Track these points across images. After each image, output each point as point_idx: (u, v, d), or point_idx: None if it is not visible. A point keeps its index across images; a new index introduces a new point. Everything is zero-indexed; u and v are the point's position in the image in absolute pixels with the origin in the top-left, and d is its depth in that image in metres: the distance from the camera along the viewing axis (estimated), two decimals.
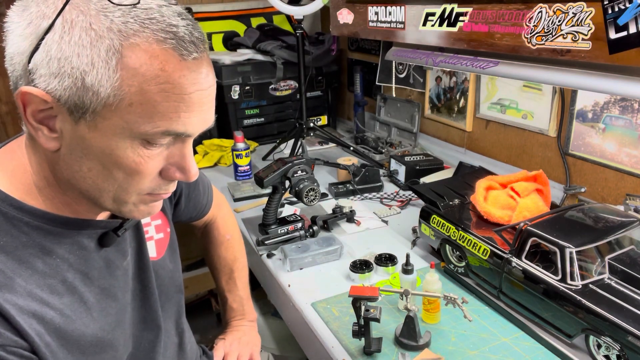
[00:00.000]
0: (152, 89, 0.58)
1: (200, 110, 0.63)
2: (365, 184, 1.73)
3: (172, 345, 0.96)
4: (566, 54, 0.90)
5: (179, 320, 0.99)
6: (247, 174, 1.90)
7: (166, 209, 0.96)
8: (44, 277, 0.66)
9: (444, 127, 2.01)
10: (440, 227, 1.21)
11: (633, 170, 1.32)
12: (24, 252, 0.64)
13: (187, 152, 0.66)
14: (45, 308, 0.65)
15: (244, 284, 1.22)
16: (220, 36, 2.56)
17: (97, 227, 0.73)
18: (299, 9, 1.88)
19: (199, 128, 0.64)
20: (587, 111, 1.41)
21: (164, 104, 0.59)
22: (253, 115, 2.33)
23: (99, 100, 0.57)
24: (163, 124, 0.60)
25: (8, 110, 2.55)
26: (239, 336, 1.16)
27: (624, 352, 0.83)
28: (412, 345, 0.98)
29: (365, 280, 1.21)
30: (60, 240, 0.68)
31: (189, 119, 0.61)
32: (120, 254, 0.79)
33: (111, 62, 0.56)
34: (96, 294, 0.73)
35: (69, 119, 0.59)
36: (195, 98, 0.61)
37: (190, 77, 0.60)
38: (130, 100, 0.58)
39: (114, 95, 0.57)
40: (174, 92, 0.59)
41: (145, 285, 0.85)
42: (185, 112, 0.60)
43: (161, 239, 0.93)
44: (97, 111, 0.58)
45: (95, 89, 0.57)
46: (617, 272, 0.95)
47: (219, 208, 1.22)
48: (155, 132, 0.60)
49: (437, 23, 1.15)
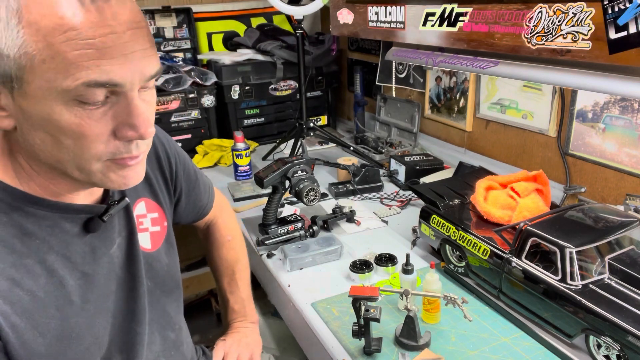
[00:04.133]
0: (57, 39, 0.56)
1: (124, 57, 0.59)
2: (365, 184, 1.73)
3: (166, 341, 0.94)
4: (566, 54, 0.90)
5: (177, 317, 0.98)
6: (247, 174, 1.90)
7: (164, 203, 0.95)
8: (20, 257, 0.65)
9: (444, 127, 2.01)
10: (440, 227, 1.21)
11: (633, 170, 1.32)
12: (3, 231, 0.64)
13: (134, 107, 0.62)
14: (15, 288, 0.64)
15: (245, 285, 1.21)
16: (220, 36, 2.56)
17: (82, 211, 0.73)
18: (299, 9, 1.88)
19: (130, 76, 0.61)
20: (587, 111, 1.41)
21: (73, 53, 0.56)
22: (253, 115, 2.33)
23: (13, 64, 0.57)
24: (81, 74, 0.57)
25: None
26: (240, 337, 1.15)
27: (624, 352, 0.83)
28: (412, 345, 0.98)
29: (365, 280, 1.21)
30: (40, 222, 0.68)
31: (110, 66, 0.58)
32: (107, 241, 0.78)
33: (12, 22, 0.55)
34: (77, 278, 0.72)
35: (7, 93, 0.60)
36: (110, 42, 0.58)
37: (95, 19, 0.57)
38: (42, 57, 0.56)
39: (24, 55, 0.56)
40: (80, 38, 0.56)
41: (133, 275, 0.84)
42: (101, 59, 0.58)
43: (157, 232, 0.92)
44: (19, 76, 0.58)
45: (7, 52, 0.56)
46: (617, 272, 0.95)
47: (220, 210, 1.22)
48: (77, 85, 0.58)
49: (437, 23, 1.15)
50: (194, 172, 1.07)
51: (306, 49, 2.21)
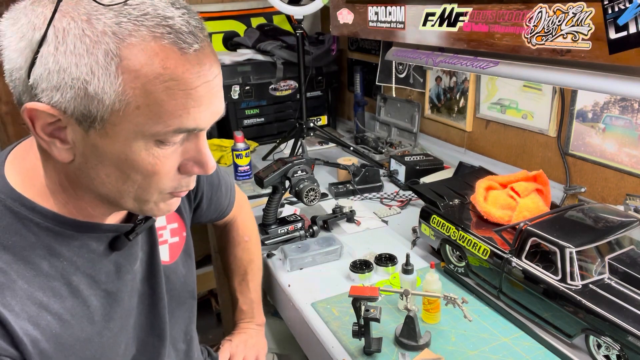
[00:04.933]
0: (157, 88, 0.56)
1: (210, 103, 0.61)
2: (365, 184, 1.73)
3: (177, 352, 0.94)
4: (566, 54, 0.90)
5: (189, 327, 0.98)
6: (247, 174, 1.90)
7: (184, 212, 0.94)
8: (47, 279, 0.65)
9: (444, 127, 2.01)
10: (440, 227, 1.21)
11: (633, 170, 1.32)
12: (31, 252, 0.64)
13: (202, 146, 0.65)
14: (43, 312, 0.64)
15: (256, 287, 1.21)
16: (220, 36, 2.56)
17: (108, 230, 0.72)
18: (299, 9, 1.88)
19: (210, 121, 0.63)
20: (587, 111, 1.41)
21: (171, 102, 0.57)
22: (253, 115, 2.33)
23: (104, 108, 0.56)
24: (173, 122, 0.58)
25: (8, 110, 2.55)
26: (246, 338, 1.15)
27: (624, 352, 0.83)
28: (412, 345, 0.98)
29: (365, 280, 1.21)
30: (68, 243, 0.68)
31: (199, 114, 0.60)
32: (131, 258, 0.78)
33: (111, 68, 0.54)
34: (101, 297, 0.72)
35: (78, 129, 0.58)
36: (203, 91, 0.59)
37: (194, 70, 0.58)
38: (137, 104, 0.56)
39: (119, 101, 0.56)
40: (179, 88, 0.57)
41: (154, 290, 0.84)
42: (194, 107, 0.59)
43: (175, 243, 0.91)
44: (105, 118, 0.57)
45: (99, 97, 0.55)
46: (617, 272, 0.95)
47: (240, 208, 1.21)
48: (167, 132, 0.59)
49: (437, 23, 1.15)
50: (217, 175, 1.06)
51: (306, 49, 2.21)
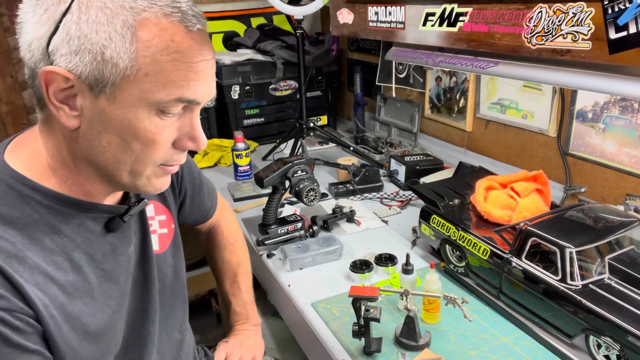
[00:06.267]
0: (165, 58, 0.63)
1: (206, 80, 0.68)
2: (365, 184, 1.73)
3: (172, 341, 0.96)
4: (566, 54, 0.90)
5: (183, 318, 1.00)
6: (247, 174, 1.90)
7: (171, 205, 0.97)
8: (51, 253, 0.69)
9: (444, 127, 2.01)
10: (440, 227, 1.21)
11: (633, 170, 1.32)
12: (34, 228, 0.68)
13: (196, 122, 0.71)
14: (50, 283, 0.67)
15: (247, 288, 1.21)
16: (220, 36, 2.56)
17: (104, 211, 0.76)
18: (299, 9, 1.88)
19: (206, 96, 0.70)
20: (587, 111, 1.41)
21: (175, 72, 0.64)
22: (253, 115, 2.33)
23: (118, 72, 0.62)
24: (176, 91, 0.65)
25: (8, 110, 2.55)
26: (242, 340, 1.15)
27: (624, 352, 0.83)
28: (412, 345, 0.98)
29: (365, 280, 1.21)
30: (68, 221, 0.71)
31: (197, 87, 0.67)
32: (125, 241, 0.81)
33: (127, 36, 0.61)
34: (99, 276, 0.75)
35: (89, 95, 0.64)
36: (202, 67, 0.67)
37: (197, 46, 0.66)
38: (146, 71, 0.63)
39: (131, 67, 0.62)
40: (183, 60, 0.64)
41: (147, 276, 0.87)
42: (194, 79, 0.66)
43: (165, 234, 0.94)
44: (116, 83, 0.63)
45: (115, 61, 0.62)
46: (617, 272, 0.95)
47: (223, 213, 1.24)
48: (169, 100, 0.65)
49: (437, 23, 1.15)
50: (199, 177, 1.11)
51: (306, 49, 2.21)
